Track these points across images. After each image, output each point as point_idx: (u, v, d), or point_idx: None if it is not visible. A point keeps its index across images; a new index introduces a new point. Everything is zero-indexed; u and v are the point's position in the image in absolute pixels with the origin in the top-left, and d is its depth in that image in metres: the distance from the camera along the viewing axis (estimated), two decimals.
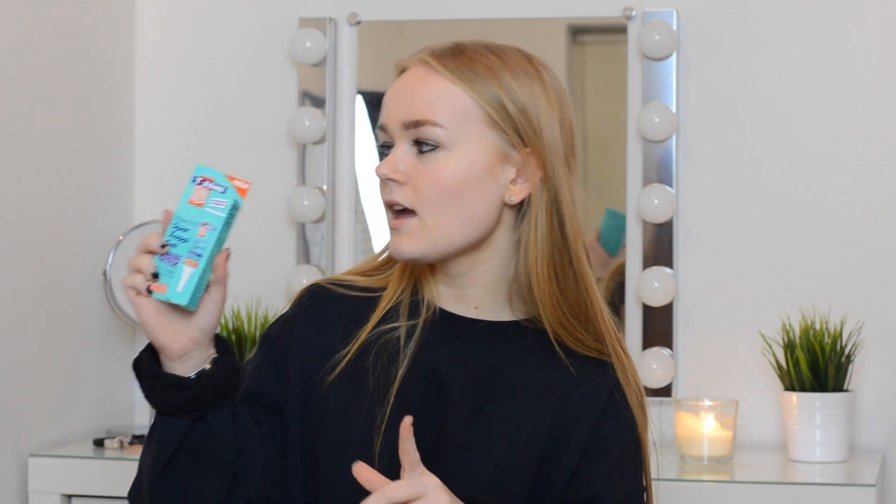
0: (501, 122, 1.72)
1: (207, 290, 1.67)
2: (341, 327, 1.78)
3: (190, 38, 3.19)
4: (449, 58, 1.73)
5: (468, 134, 1.71)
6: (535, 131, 1.73)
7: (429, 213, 1.71)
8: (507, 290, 1.77)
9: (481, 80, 1.72)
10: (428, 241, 1.71)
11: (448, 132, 1.70)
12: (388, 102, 1.75)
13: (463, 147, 1.71)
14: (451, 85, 1.72)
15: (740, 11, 2.98)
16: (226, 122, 3.17)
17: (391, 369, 1.74)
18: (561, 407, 1.72)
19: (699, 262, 2.98)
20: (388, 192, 1.72)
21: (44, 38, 2.89)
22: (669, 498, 2.62)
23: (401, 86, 1.74)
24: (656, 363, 2.93)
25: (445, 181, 1.70)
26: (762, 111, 2.96)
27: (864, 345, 2.86)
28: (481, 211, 1.73)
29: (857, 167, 2.93)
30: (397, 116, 1.72)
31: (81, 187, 3.01)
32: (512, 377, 1.73)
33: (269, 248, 3.14)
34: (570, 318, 1.75)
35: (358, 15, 3.10)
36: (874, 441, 2.91)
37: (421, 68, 1.73)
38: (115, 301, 2.96)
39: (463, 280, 1.77)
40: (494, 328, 1.76)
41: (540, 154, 1.73)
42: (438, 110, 1.71)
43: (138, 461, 1.72)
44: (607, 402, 1.73)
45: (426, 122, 1.70)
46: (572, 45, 3.07)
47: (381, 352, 1.76)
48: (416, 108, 1.71)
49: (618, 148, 3.00)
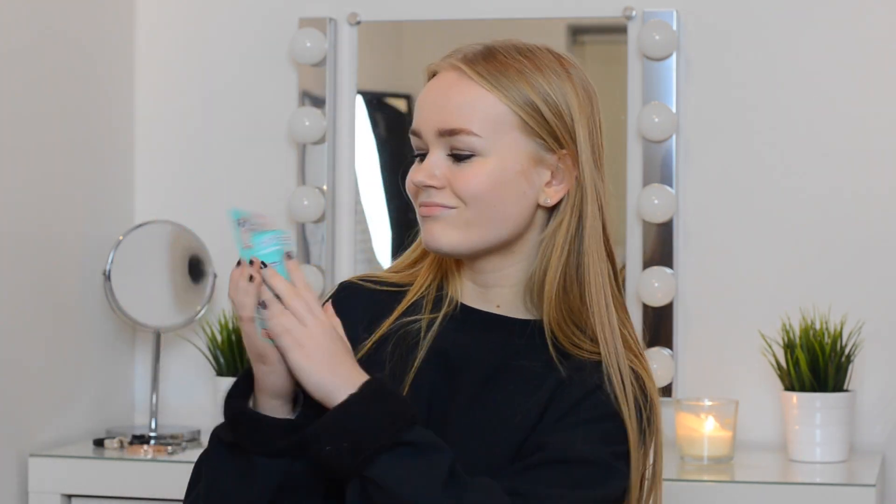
0: (537, 127, 1.74)
1: None
2: (366, 320, 1.81)
3: (190, 38, 3.19)
4: (481, 63, 1.74)
5: (502, 140, 1.73)
6: (569, 133, 1.75)
7: (468, 211, 1.73)
8: (524, 290, 1.79)
9: (514, 85, 1.73)
10: (462, 235, 1.74)
11: (483, 140, 1.72)
12: (421, 108, 1.76)
13: (498, 153, 1.73)
14: (485, 92, 1.73)
15: (740, 11, 2.98)
16: (226, 122, 3.17)
17: (408, 358, 1.76)
18: (550, 397, 1.72)
19: (699, 262, 2.98)
20: (427, 196, 1.74)
21: (44, 39, 2.89)
22: (669, 498, 2.62)
23: (433, 91, 1.75)
24: (656, 363, 2.93)
25: (481, 185, 1.72)
26: (762, 111, 2.96)
27: (864, 345, 2.86)
28: (515, 212, 1.75)
29: (858, 167, 2.93)
30: (431, 123, 1.73)
31: (82, 188, 3.01)
32: (520, 368, 1.75)
33: None
34: (570, 322, 1.75)
35: (358, 15, 3.10)
36: (874, 441, 2.91)
37: (453, 74, 1.74)
38: (115, 301, 2.96)
39: (490, 279, 1.79)
40: (511, 323, 1.78)
41: (573, 156, 1.75)
42: (473, 118, 1.72)
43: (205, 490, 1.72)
44: (591, 391, 1.72)
45: (461, 132, 1.72)
46: (572, 45, 3.07)
47: (400, 342, 1.78)
48: (450, 116, 1.72)
49: (618, 148, 3.00)
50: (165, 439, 2.92)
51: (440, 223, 1.74)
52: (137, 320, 2.99)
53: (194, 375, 3.15)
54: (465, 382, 1.75)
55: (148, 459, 2.81)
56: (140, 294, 3.00)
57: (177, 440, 2.92)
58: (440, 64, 1.77)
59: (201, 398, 3.12)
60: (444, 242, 1.74)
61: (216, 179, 3.17)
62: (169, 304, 3.04)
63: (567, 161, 1.75)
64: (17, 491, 2.80)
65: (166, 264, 3.05)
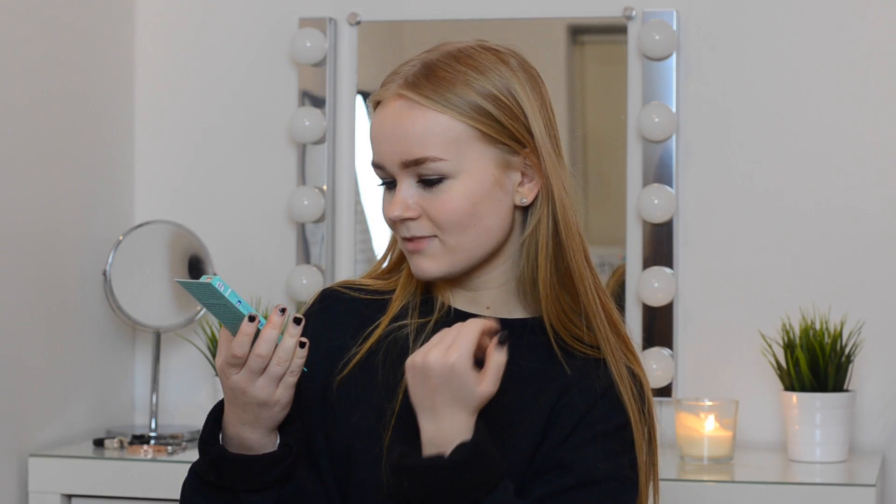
0: (496, 134, 1.72)
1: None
2: (352, 328, 1.80)
3: (190, 38, 3.19)
4: (425, 84, 1.71)
5: (468, 156, 1.71)
6: (527, 130, 1.74)
7: (449, 237, 1.72)
8: (516, 289, 1.79)
9: (463, 98, 1.71)
10: (449, 260, 1.74)
11: (449, 162, 1.71)
12: (378, 141, 1.74)
13: (466, 170, 1.71)
14: (438, 114, 1.71)
15: (740, 12, 2.98)
16: (226, 122, 3.17)
17: (400, 366, 1.74)
18: (556, 401, 1.72)
19: (699, 262, 2.98)
20: (406, 230, 1.73)
21: (43, 38, 2.89)
22: (669, 498, 2.62)
23: (385, 124, 1.73)
24: (656, 363, 2.93)
25: (458, 207, 1.71)
26: (762, 111, 2.96)
27: (864, 345, 2.86)
28: (497, 222, 1.74)
29: (858, 167, 2.93)
30: (393, 156, 1.72)
31: (81, 187, 3.01)
32: (520, 370, 1.74)
33: (269, 248, 3.14)
34: (569, 314, 1.75)
35: (358, 15, 3.10)
36: (874, 441, 2.91)
37: (400, 102, 1.72)
38: (115, 301, 2.96)
39: (477, 283, 1.79)
40: (504, 325, 1.76)
41: (536, 151, 1.75)
42: (433, 144, 1.70)
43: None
44: (599, 398, 1.73)
45: (426, 160, 1.70)
46: (572, 45, 3.07)
47: (391, 348, 1.78)
48: (410, 146, 1.70)
49: (618, 148, 3.00)
50: (165, 439, 2.92)
51: (427, 256, 1.73)
52: (137, 320, 2.99)
53: (194, 375, 3.15)
54: None
55: (148, 459, 2.81)
56: (140, 294, 3.00)
57: (177, 440, 2.92)
58: (383, 94, 1.74)
59: (201, 398, 3.12)
60: (434, 272, 1.74)
61: (216, 179, 3.17)
62: (169, 304, 3.04)
63: (532, 158, 1.74)
64: (17, 491, 2.80)
65: (166, 264, 3.05)
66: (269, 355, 1.66)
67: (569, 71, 3.06)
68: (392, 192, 1.75)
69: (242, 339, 1.65)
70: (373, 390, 1.76)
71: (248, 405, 1.67)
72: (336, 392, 1.77)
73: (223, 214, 3.17)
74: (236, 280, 3.10)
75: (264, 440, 1.70)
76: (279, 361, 1.66)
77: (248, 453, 1.70)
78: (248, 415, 1.68)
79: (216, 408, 1.73)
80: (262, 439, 1.70)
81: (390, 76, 1.75)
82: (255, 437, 1.69)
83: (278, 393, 1.67)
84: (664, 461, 2.85)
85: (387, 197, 1.76)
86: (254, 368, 1.66)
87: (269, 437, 1.70)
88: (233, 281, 3.09)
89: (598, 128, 3.07)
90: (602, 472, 1.70)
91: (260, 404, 1.67)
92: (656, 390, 2.94)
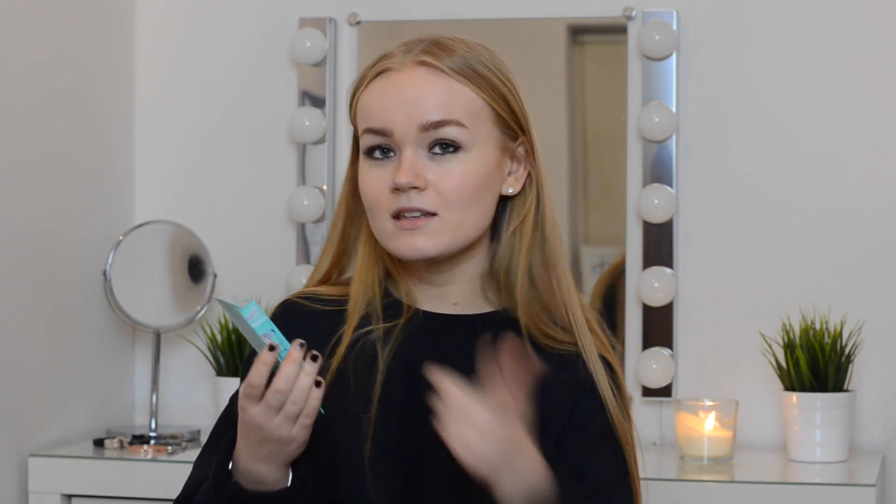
0: (507, 116, 1.74)
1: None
2: (317, 340, 1.75)
3: (190, 38, 3.19)
4: (446, 57, 1.71)
5: (481, 132, 1.72)
6: (525, 119, 1.76)
7: (451, 214, 1.70)
8: (482, 284, 1.77)
9: (483, 77, 1.72)
10: (448, 239, 1.71)
11: (469, 131, 1.70)
12: (390, 105, 1.71)
13: (478, 146, 1.71)
14: (461, 85, 1.71)
15: (740, 12, 2.98)
16: (226, 122, 3.17)
17: (372, 373, 1.73)
18: (537, 396, 1.70)
19: (699, 262, 2.98)
20: (407, 200, 1.70)
21: (43, 38, 2.89)
22: (669, 498, 2.62)
23: (404, 88, 1.71)
24: (656, 363, 2.93)
25: (468, 182, 1.70)
26: (762, 111, 2.96)
27: (864, 345, 2.86)
28: (488, 207, 1.74)
29: (858, 166, 2.93)
30: (411, 120, 1.70)
31: (81, 187, 3.01)
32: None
33: (269, 247, 3.14)
34: (540, 311, 1.74)
35: (358, 15, 3.10)
36: (874, 441, 2.91)
37: (422, 70, 1.71)
38: (115, 301, 2.96)
39: (446, 277, 1.76)
40: (470, 322, 1.76)
41: (531, 140, 1.76)
42: (458, 109, 1.70)
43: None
44: (582, 394, 1.72)
45: (450, 122, 1.69)
46: (572, 45, 3.07)
47: (359, 357, 1.75)
48: (432, 109, 1.69)
49: (618, 148, 3.00)
50: (165, 439, 2.92)
51: (422, 234, 1.70)
52: (137, 320, 2.99)
53: (194, 375, 3.15)
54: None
55: (148, 459, 2.81)
56: (140, 294, 3.00)
57: (177, 440, 2.92)
58: (393, 62, 1.72)
59: (201, 398, 3.12)
60: (431, 251, 1.70)
61: (216, 179, 3.17)
62: (169, 304, 3.04)
63: (525, 147, 1.75)
64: (17, 491, 2.80)
65: (166, 264, 3.05)
66: (289, 391, 1.61)
67: (569, 71, 3.06)
68: (384, 164, 1.71)
69: (261, 369, 1.61)
70: (346, 402, 1.73)
71: (266, 441, 1.64)
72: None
73: (223, 214, 3.16)
74: (236, 280, 3.10)
75: (278, 475, 1.67)
76: (294, 401, 1.61)
77: (261, 489, 1.66)
78: (264, 450, 1.65)
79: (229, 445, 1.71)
80: (276, 474, 1.66)
81: (402, 48, 1.73)
82: (269, 473, 1.66)
83: (294, 431, 1.63)
84: (664, 461, 2.85)
85: (375, 170, 1.72)
86: (272, 404, 1.61)
87: (282, 471, 1.67)
88: (233, 281, 3.10)
89: (598, 128, 3.07)
90: (612, 473, 1.70)
91: (276, 441, 1.63)
92: (656, 390, 2.94)
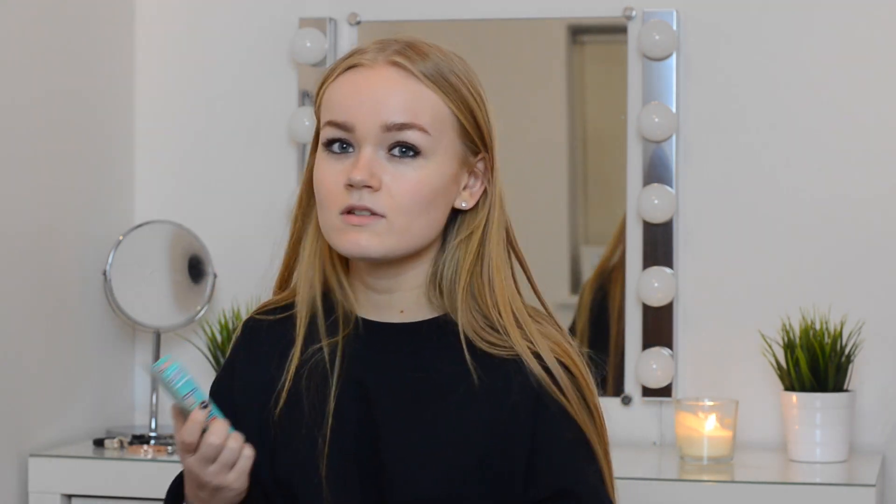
0: (470, 129, 1.71)
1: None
2: (276, 356, 1.76)
3: (190, 38, 3.19)
4: (420, 61, 1.69)
5: (443, 141, 1.69)
6: (489, 135, 1.73)
7: (400, 218, 1.67)
8: (427, 288, 1.74)
9: (454, 87, 1.69)
10: (393, 242, 1.68)
11: (431, 138, 1.67)
12: (355, 101, 1.68)
13: (438, 154, 1.69)
14: (430, 92, 1.68)
15: (740, 11, 2.98)
16: (226, 122, 3.17)
17: (324, 390, 1.72)
18: (491, 404, 1.69)
19: (699, 262, 2.98)
20: (359, 198, 1.66)
21: (43, 37, 2.89)
22: (669, 498, 2.62)
23: (372, 85, 1.68)
24: (656, 363, 2.93)
25: (423, 190, 1.67)
26: (762, 111, 2.96)
27: (864, 345, 2.86)
28: (439, 218, 1.71)
29: (858, 167, 2.93)
30: (375, 118, 1.67)
31: (81, 187, 3.01)
32: (438, 377, 1.70)
33: (269, 248, 3.13)
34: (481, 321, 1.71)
35: (358, 15, 3.10)
36: (874, 441, 2.91)
37: (393, 70, 1.68)
38: (115, 301, 2.96)
39: (391, 284, 1.74)
40: (416, 329, 1.74)
41: (492, 157, 1.73)
42: (423, 115, 1.67)
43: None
44: (534, 400, 1.69)
45: (413, 126, 1.67)
46: (572, 45, 3.07)
47: (312, 374, 1.73)
48: (398, 110, 1.67)
49: (618, 148, 3.00)
50: (165, 439, 2.92)
51: (367, 232, 1.67)
52: (137, 320, 2.99)
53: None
54: (389, 410, 1.70)
55: (148, 459, 2.81)
56: (140, 294, 3.00)
57: None
58: (365, 58, 1.69)
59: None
60: (374, 251, 1.67)
61: (216, 179, 3.17)
62: (169, 304, 3.04)
63: (485, 163, 1.73)
64: (17, 491, 2.80)
65: (166, 264, 3.05)
66: (222, 444, 1.65)
67: (569, 71, 3.06)
68: (341, 159, 1.69)
69: (192, 427, 1.65)
70: (301, 420, 1.72)
71: (203, 487, 1.67)
72: (274, 429, 1.74)
73: (223, 214, 3.16)
74: (236, 280, 3.10)
75: (230, 499, 1.70)
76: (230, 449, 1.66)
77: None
78: (204, 493, 1.68)
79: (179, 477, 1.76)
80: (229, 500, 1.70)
81: (376, 46, 1.70)
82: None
83: (230, 478, 1.66)
84: (664, 461, 2.85)
85: (331, 163, 1.69)
86: (206, 456, 1.65)
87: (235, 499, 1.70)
88: (232, 281, 3.10)
89: (598, 128, 3.07)
90: (596, 479, 1.70)
91: (214, 489, 1.67)
92: (656, 390, 2.94)
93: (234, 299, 3.07)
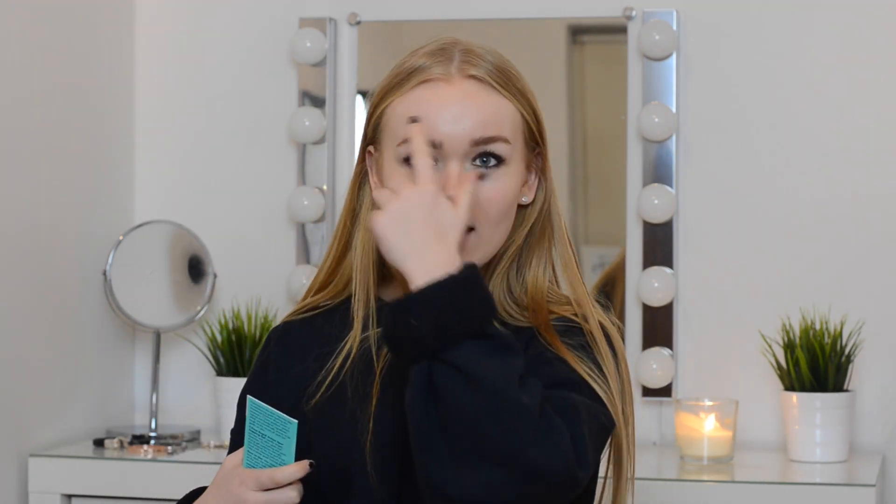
0: (535, 129, 1.76)
1: None
2: (315, 350, 1.78)
3: (190, 38, 3.19)
4: (493, 73, 1.72)
5: (518, 147, 1.74)
6: (543, 133, 1.77)
7: (487, 228, 1.71)
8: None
9: (521, 91, 1.74)
10: (480, 253, 1.72)
11: (511, 148, 1.72)
12: (444, 119, 1.69)
13: (515, 161, 1.73)
14: (507, 102, 1.73)
15: (740, 11, 2.98)
16: (226, 122, 3.18)
17: (368, 378, 1.74)
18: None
19: (699, 262, 2.98)
20: None
21: (43, 37, 2.89)
22: (669, 498, 2.62)
23: (456, 101, 1.70)
24: (656, 363, 2.93)
25: (506, 198, 1.72)
26: (762, 111, 2.96)
27: (864, 345, 2.86)
28: (512, 218, 1.76)
29: (858, 167, 2.93)
30: (465, 134, 1.69)
31: (81, 187, 3.01)
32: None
33: (269, 248, 3.14)
34: (510, 300, 1.76)
35: (358, 15, 3.10)
36: (874, 441, 2.91)
37: (471, 83, 1.71)
38: (115, 301, 2.96)
39: None
40: None
41: (546, 153, 1.78)
42: (505, 126, 1.72)
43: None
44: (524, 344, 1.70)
45: (499, 139, 1.70)
46: (572, 45, 3.07)
47: (358, 361, 1.75)
48: (485, 125, 1.70)
49: (618, 148, 3.00)
50: (165, 439, 2.92)
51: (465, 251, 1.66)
52: (137, 320, 2.99)
53: (194, 375, 3.15)
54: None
55: (148, 459, 2.81)
56: (140, 294, 3.00)
57: (177, 440, 2.92)
58: (445, 72, 1.71)
59: (201, 398, 3.12)
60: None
61: (216, 179, 3.17)
62: (169, 304, 3.04)
63: (541, 159, 1.78)
64: (17, 491, 2.80)
65: (166, 264, 3.05)
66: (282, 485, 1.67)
67: (569, 71, 3.06)
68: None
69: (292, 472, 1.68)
70: (346, 406, 1.74)
71: (229, 499, 1.69)
72: (311, 418, 1.75)
73: (223, 214, 3.17)
74: (236, 280, 3.10)
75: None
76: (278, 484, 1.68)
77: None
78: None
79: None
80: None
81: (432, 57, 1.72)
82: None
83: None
84: (664, 461, 2.85)
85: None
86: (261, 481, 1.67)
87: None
88: (232, 281, 3.10)
89: (598, 128, 3.08)
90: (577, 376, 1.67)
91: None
92: (656, 390, 2.94)
93: (234, 299, 3.07)
